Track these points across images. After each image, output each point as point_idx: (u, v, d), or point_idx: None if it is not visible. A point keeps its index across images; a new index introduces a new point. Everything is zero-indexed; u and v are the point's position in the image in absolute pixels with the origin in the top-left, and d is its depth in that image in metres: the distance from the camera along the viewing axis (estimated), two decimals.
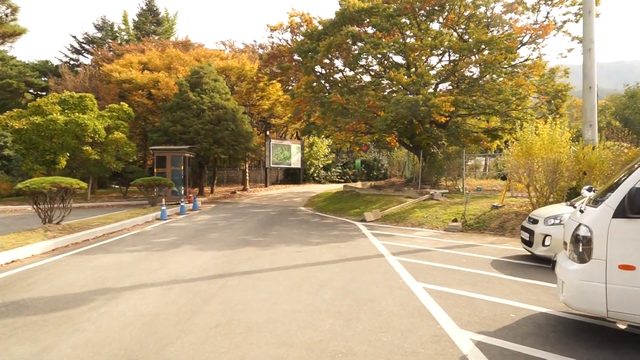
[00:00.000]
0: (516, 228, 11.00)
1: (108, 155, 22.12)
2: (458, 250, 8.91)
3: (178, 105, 24.19)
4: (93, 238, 10.90)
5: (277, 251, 8.79)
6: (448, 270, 6.99)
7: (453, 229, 11.83)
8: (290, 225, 13.31)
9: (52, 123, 19.53)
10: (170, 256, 8.35)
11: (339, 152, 41.84)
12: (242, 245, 9.58)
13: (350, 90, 17.28)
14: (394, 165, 30.34)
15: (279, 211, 17.82)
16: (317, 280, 6.41)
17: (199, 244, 9.82)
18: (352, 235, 11.11)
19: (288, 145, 32.77)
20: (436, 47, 13.97)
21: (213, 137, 23.53)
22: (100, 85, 28.34)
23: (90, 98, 21.66)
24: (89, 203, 21.49)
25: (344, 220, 14.50)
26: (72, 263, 7.84)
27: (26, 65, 36.88)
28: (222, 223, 13.85)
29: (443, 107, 13.30)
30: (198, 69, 25.37)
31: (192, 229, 12.42)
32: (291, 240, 10.26)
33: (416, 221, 13.12)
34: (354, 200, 18.28)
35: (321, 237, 10.69)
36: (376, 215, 14.33)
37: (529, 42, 17.23)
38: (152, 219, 15.04)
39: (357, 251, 8.78)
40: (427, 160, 20.04)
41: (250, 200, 23.42)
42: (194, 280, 6.46)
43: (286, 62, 20.77)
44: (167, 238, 10.77)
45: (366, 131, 23.27)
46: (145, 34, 42.21)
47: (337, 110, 15.53)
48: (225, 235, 11.16)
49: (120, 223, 12.79)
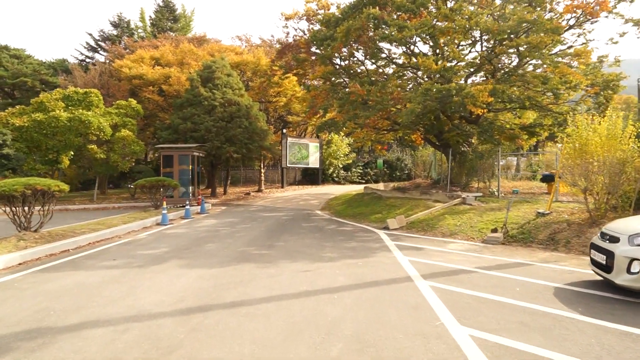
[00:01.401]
0: (572, 241, 9.11)
1: (115, 154, 20.96)
2: (505, 271, 7.09)
3: (189, 101, 22.87)
4: (75, 248, 9.49)
5: (279, 270, 7.15)
6: (501, 305, 5.22)
7: (493, 240, 9.97)
8: (301, 233, 11.66)
9: (55, 120, 18.42)
10: (148, 276, 6.81)
11: (359, 151, 40.04)
12: (239, 260, 7.98)
13: (372, 81, 15.50)
14: (418, 165, 28.34)
15: (292, 216, 16.21)
16: (324, 320, 4.75)
17: (189, 258, 8.27)
18: (372, 248, 9.38)
19: (306, 144, 31.10)
20: (471, 29, 12.10)
21: (225, 135, 22.10)
22: (111, 81, 27.32)
23: (96, 94, 20.51)
24: (94, 205, 20.36)
25: (364, 228, 12.78)
26: (24, 285, 6.37)
27: (41, 64, 36.38)
28: (225, 230, 12.32)
29: (479, 97, 11.42)
30: (210, 64, 24.00)
31: (189, 238, 10.91)
32: (299, 254, 8.61)
33: (448, 230, 11.30)
34: (375, 204, 16.52)
35: (336, 251, 9.01)
36: (400, 222, 12.56)
37: (575, 26, 15.14)
38: (151, 224, 13.64)
39: (379, 271, 7.06)
40: (456, 159, 18.11)
41: (264, 203, 21.90)
42: (162, 317, 4.88)
43: (302, 54, 19.15)
44: (157, 249, 9.27)
45: (389, 128, 21.47)
46: (161, 30, 41.35)
47: (356, 102, 13.78)
48: (224, 246, 9.60)
49: (111, 230, 11.39)
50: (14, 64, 35.74)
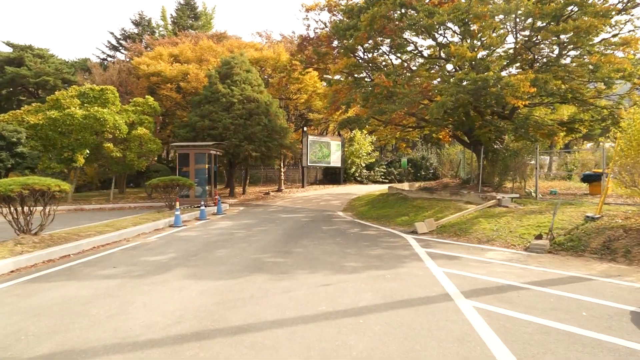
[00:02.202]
0: (632, 250, 7.89)
1: (131, 153, 20.45)
2: (562, 288, 5.98)
3: (206, 98, 22.20)
4: (77, 253, 8.78)
5: (296, 284, 6.22)
6: (569, 338, 4.15)
7: (538, 248, 8.80)
8: (322, 237, 10.71)
9: (70, 118, 17.98)
10: (146, 289, 5.98)
11: (382, 149, 38.86)
12: (251, 270, 7.08)
13: (398, 73, 14.40)
14: (445, 164, 27.04)
15: (313, 217, 15.28)
16: (347, 356, 3.78)
17: (196, 266, 7.42)
18: (401, 256, 8.36)
19: (327, 142, 30.10)
20: (510, 12, 10.88)
21: (243, 133, 21.34)
22: (129, 79, 26.95)
23: (112, 91, 20.03)
24: (110, 204, 19.90)
25: (390, 232, 11.74)
26: (7, 299, 5.62)
27: (63, 63, 36.46)
28: (240, 233, 11.47)
29: (520, 87, 10.20)
30: (229, 60, 23.29)
31: (200, 242, 10.09)
32: (319, 263, 7.66)
33: (484, 236, 10.16)
34: (401, 205, 15.44)
35: (360, 259, 8.02)
36: (430, 226, 11.47)
37: (623, 11, 13.73)
38: (163, 225, 12.92)
39: (411, 286, 6.05)
40: (488, 157, 16.87)
41: (284, 203, 21.05)
42: (149, 346, 4.00)
43: (323, 48, 18.18)
44: (163, 255, 8.46)
45: (414, 125, 20.33)
46: (182, 29, 41.04)
47: (381, 95, 12.72)
48: (236, 252, 8.73)
49: (119, 232, 10.68)
50: (37, 63, 35.93)
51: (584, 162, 26.72)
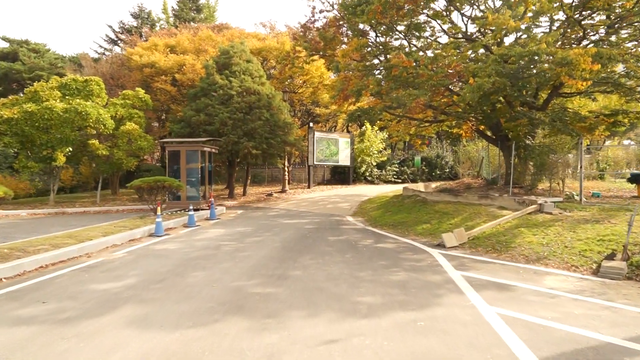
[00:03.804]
0: None
1: (119, 151, 18.57)
2: None
3: (203, 91, 20.26)
4: (13, 276, 6.85)
5: (286, 339, 4.20)
6: None
7: (612, 272, 6.68)
8: (327, 252, 8.67)
9: (48, 111, 16.11)
10: (64, 346, 4.00)
11: (394, 147, 36.69)
12: (225, 310, 5.07)
13: (421, 51, 12.25)
14: (463, 163, 24.83)
15: (318, 223, 13.25)
16: None
17: (153, 302, 5.43)
18: (431, 283, 6.29)
19: (335, 139, 27.93)
20: None
21: (243, 129, 19.35)
22: (121, 71, 25.08)
23: (97, 82, 18.13)
24: (96, 207, 18.04)
25: (410, 244, 9.66)
26: None
27: (58, 57, 34.85)
28: (229, 246, 9.48)
29: (581, 63, 8.07)
30: (228, 49, 21.32)
31: (176, 259, 8.11)
32: (321, 296, 5.62)
33: (532, 252, 8.06)
34: (420, 210, 13.34)
35: (377, 289, 5.97)
36: (461, 238, 9.38)
37: None
38: (141, 234, 10.97)
39: (457, 345, 4.00)
40: (520, 155, 14.72)
41: (287, 205, 19.04)
42: None
43: (331, 31, 16.13)
44: (119, 281, 6.48)
45: (432, 119, 18.17)
46: (184, 22, 39.18)
47: (400, 79, 10.59)
48: (215, 276, 6.73)
49: (79, 246, 8.73)
50: (31, 57, 34.38)
51: (616, 159, 24.50)
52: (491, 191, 14.58)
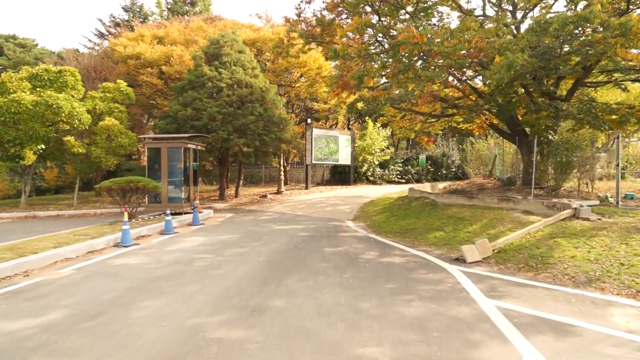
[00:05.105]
0: None
1: (97, 148, 16.96)
2: None
3: (191, 83, 18.62)
4: None
5: None
6: None
7: None
8: (321, 271, 7.01)
9: (16, 104, 14.49)
10: None
11: (396, 146, 34.97)
12: None
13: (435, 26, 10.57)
14: (472, 162, 23.14)
15: (314, 230, 11.60)
16: None
17: (67, 356, 3.80)
18: (458, 321, 4.64)
19: (335, 137, 26.21)
20: None
21: (233, 124, 17.71)
22: (104, 63, 23.44)
23: (72, 72, 16.49)
24: (71, 210, 16.44)
25: (423, 258, 8.00)
26: None
27: (45, 52, 33.27)
28: (204, 260, 7.83)
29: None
30: (218, 38, 19.69)
31: (133, 280, 6.47)
32: (307, 346, 3.98)
33: (579, 271, 6.39)
34: (430, 214, 11.67)
35: (385, 332, 4.32)
36: (485, 251, 7.72)
37: None
38: (105, 244, 9.35)
39: None
40: (543, 152, 13.08)
41: (282, 208, 17.37)
42: None
43: (329, 15, 14.50)
44: (39, 317, 4.84)
45: (439, 114, 16.51)
46: (178, 15, 37.55)
47: (410, 57, 8.87)
48: (173, 307, 5.09)
49: (17, 262, 7.10)
50: (16, 52, 32.82)
51: (638, 157, 22.93)
52: (510, 192, 12.94)
